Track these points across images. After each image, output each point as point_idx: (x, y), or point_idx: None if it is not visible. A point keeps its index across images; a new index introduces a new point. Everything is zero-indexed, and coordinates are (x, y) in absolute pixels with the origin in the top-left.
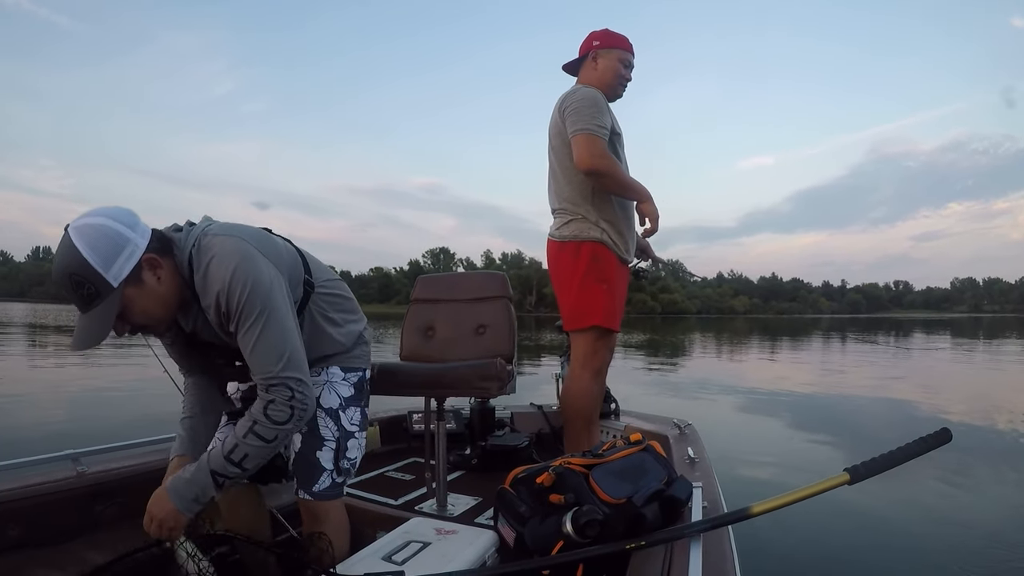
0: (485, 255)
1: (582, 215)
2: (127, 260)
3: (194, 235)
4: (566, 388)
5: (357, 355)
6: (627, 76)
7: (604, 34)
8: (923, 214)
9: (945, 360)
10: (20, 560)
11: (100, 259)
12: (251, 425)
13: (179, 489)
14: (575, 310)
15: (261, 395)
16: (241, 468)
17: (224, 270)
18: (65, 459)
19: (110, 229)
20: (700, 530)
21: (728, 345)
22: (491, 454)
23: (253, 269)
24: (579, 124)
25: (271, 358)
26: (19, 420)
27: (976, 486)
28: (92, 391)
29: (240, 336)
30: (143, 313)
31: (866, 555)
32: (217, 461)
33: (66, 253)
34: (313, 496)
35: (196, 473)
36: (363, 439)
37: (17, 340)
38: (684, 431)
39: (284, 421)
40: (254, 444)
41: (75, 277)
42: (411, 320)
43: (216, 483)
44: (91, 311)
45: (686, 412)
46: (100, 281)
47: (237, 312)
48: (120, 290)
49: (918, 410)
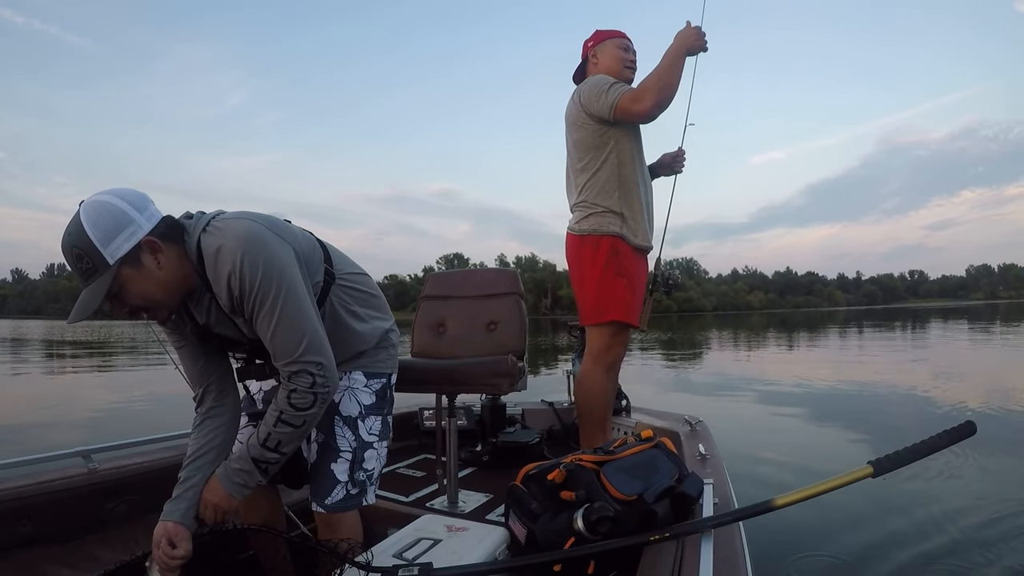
0: (499, 259)
1: (602, 206)
2: (126, 240)
3: (203, 221)
4: (579, 383)
5: (382, 358)
6: (630, 58)
7: (594, 34)
8: (936, 203)
9: (964, 346)
10: (32, 556)
11: (100, 235)
12: (278, 415)
13: (229, 475)
14: (595, 304)
15: (284, 383)
16: (279, 453)
17: (234, 252)
18: (77, 456)
19: (115, 208)
20: (724, 522)
21: (744, 341)
22: (502, 451)
23: (264, 249)
24: (605, 104)
25: (291, 342)
26: (33, 421)
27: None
28: (106, 396)
29: (258, 321)
30: (140, 295)
31: (874, 551)
32: (255, 449)
33: (71, 227)
34: (327, 509)
35: (239, 460)
36: (383, 449)
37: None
38: (695, 428)
39: (308, 407)
40: (284, 431)
41: (75, 250)
42: (422, 316)
43: (260, 469)
44: (89, 286)
45: (698, 409)
46: (97, 256)
47: (252, 295)
48: (115, 268)
49: (939, 400)
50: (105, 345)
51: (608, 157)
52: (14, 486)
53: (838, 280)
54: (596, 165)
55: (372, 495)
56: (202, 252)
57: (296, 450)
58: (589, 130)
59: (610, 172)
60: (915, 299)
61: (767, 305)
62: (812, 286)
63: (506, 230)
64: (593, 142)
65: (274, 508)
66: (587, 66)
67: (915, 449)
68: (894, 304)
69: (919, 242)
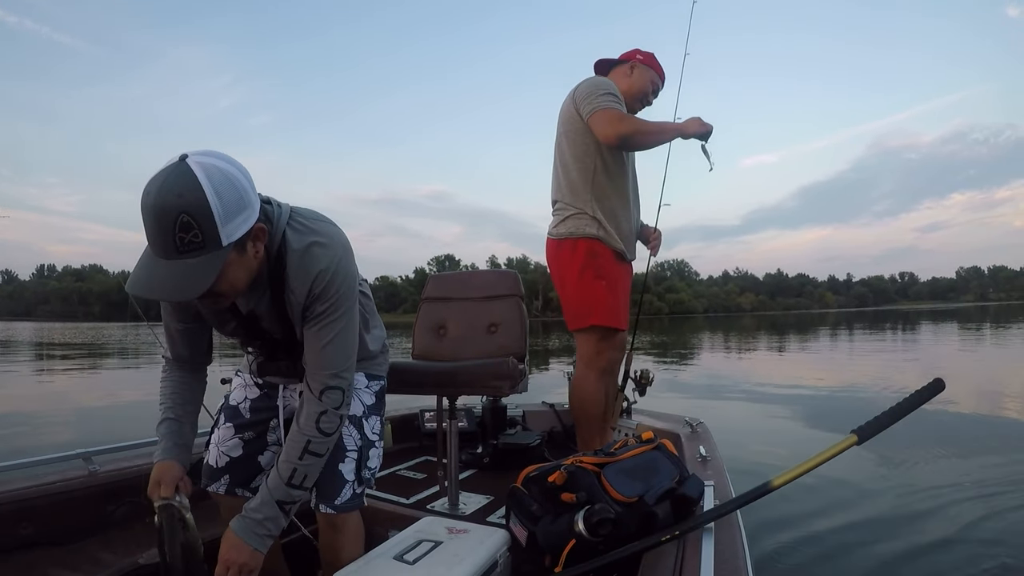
0: (490, 260)
1: (579, 208)
2: (243, 223)
3: (286, 213)
4: (573, 389)
5: (380, 363)
6: (650, 99)
7: (649, 55)
8: (926, 205)
9: (954, 350)
10: (33, 558)
11: (224, 210)
12: (305, 444)
13: (252, 528)
14: (575, 309)
15: (310, 405)
16: (303, 489)
17: (332, 257)
18: (77, 458)
19: (239, 182)
20: (727, 511)
21: (737, 343)
22: (503, 453)
23: (353, 265)
24: (592, 104)
25: (340, 357)
26: (31, 424)
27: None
28: (101, 398)
29: (317, 327)
30: (229, 283)
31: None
32: (280, 491)
33: (183, 188)
34: (336, 509)
35: (263, 508)
36: (381, 449)
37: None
38: (696, 429)
39: (334, 431)
40: (311, 463)
41: (185, 218)
42: (423, 318)
43: (284, 512)
44: (178, 261)
45: (698, 410)
46: (212, 233)
47: (328, 302)
48: (227, 251)
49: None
50: (95, 347)
51: (592, 159)
52: (14, 488)
53: (829, 282)
54: (578, 165)
55: (364, 497)
56: (285, 245)
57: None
58: (577, 128)
59: (591, 174)
60: (905, 301)
61: (758, 307)
62: (803, 288)
63: (498, 232)
64: (580, 141)
65: None
66: (616, 67)
67: (893, 412)
68: (884, 306)
69: (910, 244)
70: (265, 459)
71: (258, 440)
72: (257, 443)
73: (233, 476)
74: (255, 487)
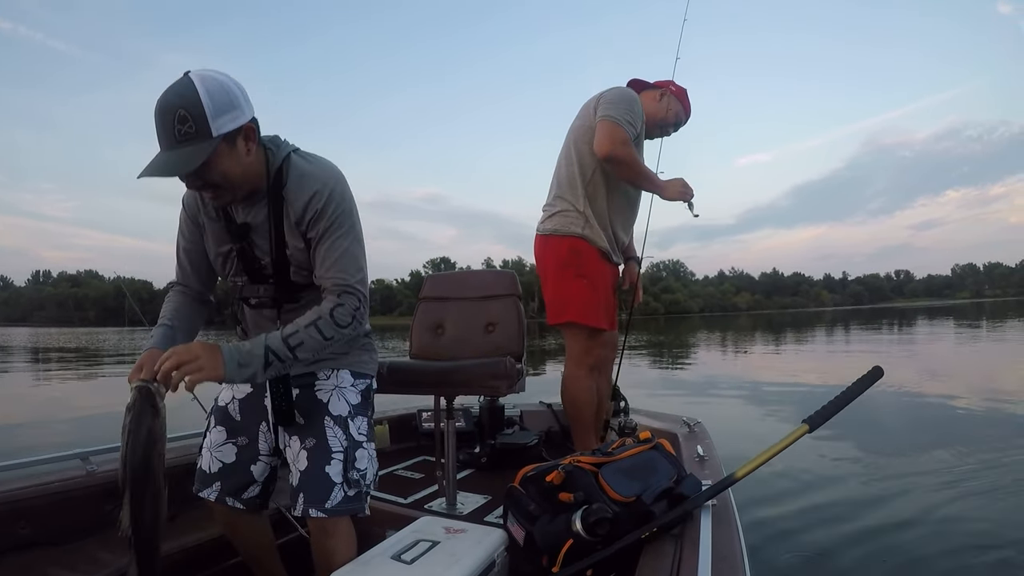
0: (486, 262)
1: (570, 205)
2: (232, 120)
3: (291, 146)
4: (563, 387)
5: (365, 360)
6: (669, 131)
7: (682, 90)
8: (921, 203)
9: (950, 345)
10: (31, 558)
11: (213, 106)
12: (315, 319)
13: (232, 349)
14: (552, 304)
15: (329, 297)
16: (293, 355)
17: (327, 179)
18: (75, 458)
19: (230, 87)
20: (695, 506)
21: (733, 342)
22: (500, 452)
23: (349, 193)
24: (609, 111)
25: (352, 268)
26: (29, 425)
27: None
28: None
29: (328, 241)
30: (223, 173)
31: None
32: (275, 339)
33: (182, 90)
34: (327, 513)
35: (252, 343)
36: (372, 450)
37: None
38: (693, 429)
39: (345, 325)
40: (312, 336)
41: (181, 112)
42: (420, 318)
43: (266, 359)
44: (178, 150)
45: (695, 410)
46: (203, 125)
47: (332, 216)
48: (217, 141)
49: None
50: (90, 352)
51: (596, 157)
52: (12, 488)
53: (824, 280)
54: (581, 162)
55: (367, 506)
56: (286, 167)
57: (269, 472)
58: (590, 125)
59: (590, 172)
60: (901, 299)
61: (754, 306)
62: (798, 287)
63: (493, 234)
64: (591, 138)
65: (266, 540)
66: (648, 89)
67: (838, 400)
68: (880, 304)
69: (905, 242)
70: (258, 469)
71: (250, 447)
72: (250, 451)
73: (224, 483)
74: (247, 498)
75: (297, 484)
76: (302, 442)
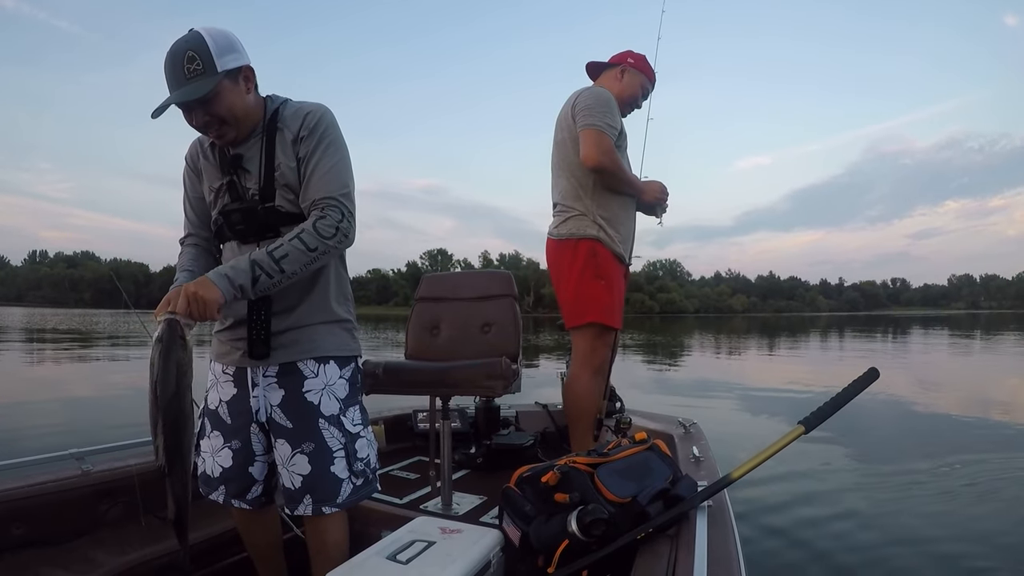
0: (483, 256)
1: (580, 211)
2: (233, 60)
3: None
4: (566, 387)
5: (349, 341)
6: (639, 103)
7: (640, 58)
8: (920, 212)
9: (944, 357)
10: (25, 559)
11: (216, 47)
12: (298, 232)
13: (222, 271)
14: (573, 307)
15: (313, 212)
16: (279, 267)
17: (318, 108)
18: (69, 458)
19: (230, 35)
20: (690, 507)
21: (728, 344)
22: (496, 453)
23: (338, 126)
24: (590, 120)
25: (336, 184)
26: (23, 420)
27: None
28: (95, 392)
29: (314, 159)
30: (226, 107)
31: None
32: (260, 254)
33: (189, 37)
34: (341, 507)
35: (238, 260)
36: (370, 435)
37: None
38: (689, 430)
39: (329, 236)
40: (296, 247)
41: (190, 52)
42: (417, 318)
43: (253, 272)
44: (187, 85)
45: (691, 411)
46: (209, 62)
47: (320, 134)
48: (221, 76)
49: (920, 402)
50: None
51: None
52: (6, 488)
53: (820, 285)
54: (582, 170)
55: (377, 483)
56: (282, 107)
57: (267, 469)
58: (574, 134)
59: (593, 179)
60: (897, 307)
61: (749, 309)
62: (794, 291)
63: (490, 227)
64: (576, 147)
65: (274, 538)
66: (607, 70)
67: (834, 401)
68: (876, 311)
69: (902, 250)
70: (256, 469)
71: (244, 450)
72: (245, 453)
73: (228, 487)
74: (251, 498)
75: (300, 486)
76: (298, 446)
